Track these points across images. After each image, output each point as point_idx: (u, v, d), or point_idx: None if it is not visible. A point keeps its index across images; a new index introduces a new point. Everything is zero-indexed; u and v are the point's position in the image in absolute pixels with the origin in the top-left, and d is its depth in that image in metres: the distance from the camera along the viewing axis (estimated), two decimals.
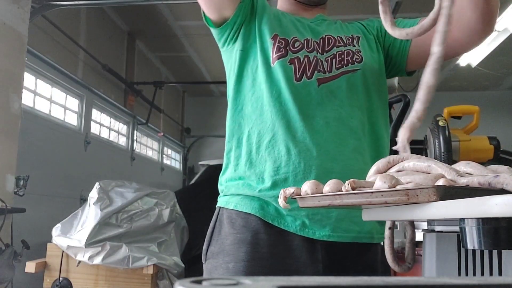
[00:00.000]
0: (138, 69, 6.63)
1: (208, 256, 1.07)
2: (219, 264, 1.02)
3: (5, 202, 2.88)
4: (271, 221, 1.02)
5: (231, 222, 1.05)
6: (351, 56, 1.12)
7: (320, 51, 1.11)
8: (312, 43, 1.11)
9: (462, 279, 0.30)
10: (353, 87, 1.09)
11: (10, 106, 3.04)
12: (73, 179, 4.58)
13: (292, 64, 1.06)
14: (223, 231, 1.06)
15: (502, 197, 0.51)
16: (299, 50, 1.09)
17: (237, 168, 1.08)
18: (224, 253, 1.03)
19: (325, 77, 1.08)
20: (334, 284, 0.27)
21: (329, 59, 1.10)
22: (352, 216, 1.02)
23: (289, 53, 1.08)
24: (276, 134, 1.03)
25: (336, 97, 1.07)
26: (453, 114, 2.07)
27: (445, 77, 7.87)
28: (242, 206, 1.04)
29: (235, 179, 1.08)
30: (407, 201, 0.60)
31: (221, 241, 1.05)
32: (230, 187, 1.08)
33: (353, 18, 1.25)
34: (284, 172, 1.01)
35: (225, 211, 1.07)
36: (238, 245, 1.01)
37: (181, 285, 0.27)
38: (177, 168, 8.94)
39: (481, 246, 0.57)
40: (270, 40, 1.09)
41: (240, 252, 1.01)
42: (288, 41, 1.09)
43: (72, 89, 4.85)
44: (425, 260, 0.88)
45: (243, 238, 1.02)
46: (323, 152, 1.01)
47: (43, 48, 4.14)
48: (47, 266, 2.86)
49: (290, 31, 1.12)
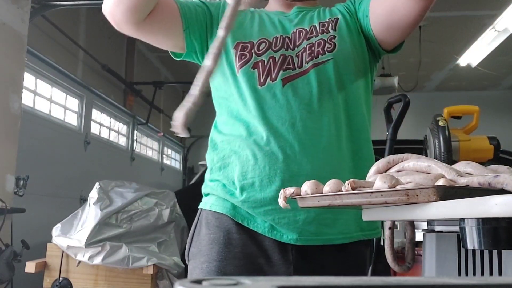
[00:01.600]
0: (138, 69, 6.63)
1: (190, 257, 1.09)
2: (196, 265, 1.04)
3: (5, 202, 2.88)
4: (241, 222, 1.03)
5: (207, 222, 1.07)
6: (322, 46, 1.07)
7: (291, 46, 1.08)
8: (281, 40, 1.08)
9: (462, 279, 0.30)
10: (324, 80, 1.05)
11: (10, 106, 3.04)
12: (73, 179, 4.58)
13: (256, 69, 1.05)
14: (201, 232, 1.07)
15: (502, 197, 0.51)
16: (264, 52, 1.06)
17: (213, 171, 1.10)
18: (200, 253, 1.05)
19: (292, 75, 1.04)
20: (334, 284, 0.27)
21: (300, 53, 1.07)
22: (321, 219, 1.00)
23: (254, 56, 1.06)
24: (244, 141, 1.04)
25: (304, 94, 1.04)
26: (453, 114, 2.07)
27: (445, 77, 7.87)
28: (216, 206, 1.06)
29: (212, 180, 1.10)
30: (407, 201, 0.60)
31: (199, 242, 1.07)
32: (208, 187, 1.11)
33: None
34: (251, 177, 1.02)
35: (204, 212, 1.10)
36: (211, 245, 1.03)
37: (181, 285, 0.27)
38: (177, 168, 8.94)
39: (481, 246, 0.57)
40: (233, 50, 1.08)
41: (212, 252, 1.02)
42: (254, 43, 1.08)
43: (72, 89, 4.85)
44: (425, 260, 0.88)
45: (216, 238, 1.03)
46: (288, 156, 1.00)
47: (43, 48, 4.14)
48: (47, 266, 2.86)
49: (256, 33, 1.10)
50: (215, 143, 1.12)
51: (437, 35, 6.05)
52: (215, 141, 1.12)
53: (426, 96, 8.19)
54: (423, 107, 6.64)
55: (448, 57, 6.85)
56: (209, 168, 1.13)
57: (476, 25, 5.76)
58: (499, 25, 5.47)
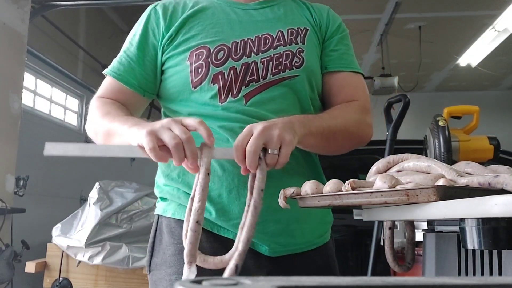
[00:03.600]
0: None
1: (152, 268, 1.00)
2: (162, 276, 0.96)
3: (5, 202, 2.88)
4: (211, 229, 0.96)
5: (170, 231, 0.98)
6: (291, 59, 0.99)
7: (255, 51, 0.98)
8: (243, 45, 0.98)
9: (462, 279, 0.30)
10: (288, 96, 0.99)
11: (10, 106, 3.04)
12: (73, 179, 4.58)
13: (216, 84, 0.95)
14: (163, 240, 0.99)
15: (502, 197, 0.51)
16: (224, 62, 0.96)
17: (170, 177, 1.01)
18: (166, 264, 0.97)
19: (254, 89, 0.96)
20: (334, 284, 0.27)
21: (265, 61, 0.98)
22: (290, 230, 0.98)
23: (211, 67, 0.96)
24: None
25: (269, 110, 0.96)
26: (453, 114, 2.07)
27: (445, 77, 7.87)
28: (180, 214, 0.98)
29: (168, 186, 1.02)
30: (407, 201, 0.60)
31: (163, 252, 0.98)
32: (165, 192, 1.03)
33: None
34: (217, 188, 0.95)
35: (164, 219, 1.01)
36: (179, 255, 0.93)
37: (181, 285, 0.27)
38: None
39: (481, 246, 0.57)
40: (187, 62, 0.98)
41: (181, 263, 0.90)
42: (210, 50, 0.97)
43: (72, 89, 4.85)
44: (425, 260, 0.88)
45: (183, 247, 0.96)
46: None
47: (43, 48, 4.14)
48: (47, 266, 2.86)
49: (211, 34, 0.99)
50: None
51: (437, 35, 6.05)
52: None
53: (426, 96, 8.19)
54: (423, 107, 6.64)
55: (448, 57, 6.85)
56: (163, 173, 1.04)
57: (476, 25, 5.76)
58: (499, 25, 5.47)
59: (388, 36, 6.07)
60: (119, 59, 1.05)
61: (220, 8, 1.05)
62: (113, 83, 1.04)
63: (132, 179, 4.37)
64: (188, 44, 0.99)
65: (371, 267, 2.01)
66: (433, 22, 5.77)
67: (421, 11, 5.51)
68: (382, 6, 5.37)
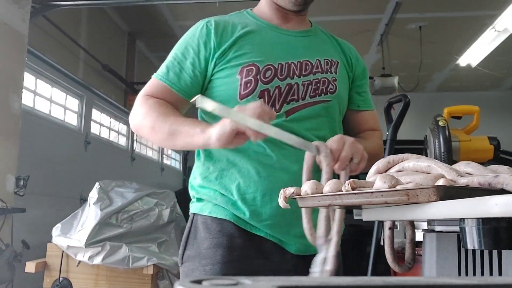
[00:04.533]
0: (139, 69, 6.63)
1: (185, 260, 1.13)
2: (196, 267, 1.09)
3: (5, 202, 2.89)
4: (244, 227, 1.10)
5: (206, 227, 1.11)
6: (326, 85, 1.16)
7: (298, 73, 1.13)
8: (287, 67, 1.12)
9: (462, 279, 0.30)
10: (320, 118, 1.14)
11: (10, 106, 3.04)
12: (73, 179, 4.58)
13: (261, 99, 1.09)
14: (198, 236, 1.12)
15: (502, 197, 0.51)
16: (270, 81, 1.10)
17: (208, 180, 1.13)
18: (200, 256, 1.09)
19: (294, 107, 1.11)
20: (334, 284, 0.27)
21: (306, 84, 1.13)
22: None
23: (259, 84, 1.09)
24: (249, 158, 1.10)
25: (304, 125, 1.11)
26: (453, 114, 2.07)
27: (445, 77, 7.87)
28: (216, 213, 1.11)
29: (206, 188, 1.14)
30: (407, 201, 0.60)
31: (197, 245, 1.11)
32: (202, 194, 1.15)
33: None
34: (252, 192, 1.09)
35: (200, 217, 1.14)
36: (214, 249, 1.08)
37: (181, 285, 0.27)
38: (177, 168, 8.94)
39: (481, 246, 0.57)
40: (237, 76, 1.10)
41: (217, 255, 1.08)
42: (259, 69, 1.10)
43: (72, 89, 4.85)
44: (425, 260, 0.88)
45: (219, 242, 1.09)
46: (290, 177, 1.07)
47: (43, 48, 4.14)
48: (47, 266, 2.86)
49: (261, 54, 1.12)
50: (210, 152, 1.15)
51: (437, 35, 6.05)
52: (209, 150, 1.15)
53: (426, 97, 8.18)
54: (424, 108, 6.64)
55: (448, 57, 6.85)
56: (201, 175, 1.16)
57: (476, 25, 5.76)
58: (499, 25, 5.47)
59: (388, 36, 6.07)
60: (171, 67, 1.15)
61: (266, 32, 1.18)
62: (164, 87, 1.14)
63: (132, 179, 4.37)
64: (239, 61, 1.11)
65: (371, 267, 2.01)
66: (434, 22, 5.76)
67: (421, 11, 5.51)
68: (383, 6, 5.37)
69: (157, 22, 5.85)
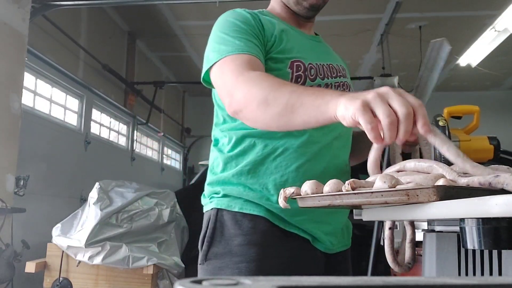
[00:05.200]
0: (138, 69, 6.63)
1: (210, 257, 1.07)
2: (226, 265, 1.04)
3: (5, 202, 2.89)
4: (277, 223, 1.07)
5: (236, 223, 1.06)
6: (349, 88, 1.19)
7: (329, 75, 1.14)
8: (322, 68, 1.13)
9: (462, 279, 0.30)
10: None
11: (10, 106, 3.04)
12: (73, 179, 4.58)
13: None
14: (226, 232, 1.07)
15: (502, 197, 0.51)
16: (315, 79, 1.09)
17: (240, 174, 1.08)
18: (231, 253, 1.04)
19: None
20: (334, 284, 0.27)
21: (336, 85, 1.14)
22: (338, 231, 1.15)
23: (307, 80, 1.08)
24: (287, 151, 1.07)
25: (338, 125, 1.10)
26: (453, 114, 2.07)
27: (445, 77, 7.87)
28: (248, 209, 1.06)
29: (235, 184, 1.09)
30: (407, 201, 0.60)
31: (226, 242, 1.06)
32: (230, 189, 1.09)
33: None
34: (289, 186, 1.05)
35: (227, 213, 1.08)
36: (248, 246, 1.04)
37: (181, 285, 0.27)
38: (177, 168, 8.94)
39: (481, 246, 0.57)
40: (288, 69, 1.07)
41: (251, 253, 1.03)
42: (305, 66, 1.09)
43: (72, 89, 4.85)
44: (425, 260, 0.88)
45: (252, 239, 1.04)
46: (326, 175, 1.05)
47: (43, 48, 4.14)
48: (47, 266, 2.86)
49: (303, 52, 1.11)
50: (248, 145, 1.09)
51: (437, 35, 6.01)
52: (247, 143, 1.09)
53: None
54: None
55: (448, 57, 6.83)
56: (228, 169, 1.10)
57: (476, 25, 5.76)
58: (499, 25, 5.47)
59: (388, 36, 6.08)
60: (236, 42, 1.01)
61: (296, 33, 1.17)
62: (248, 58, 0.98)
63: (132, 179, 4.37)
64: (288, 54, 1.08)
65: (371, 267, 2.01)
66: (434, 22, 5.76)
67: (421, 11, 5.51)
68: (383, 6, 5.37)
69: (157, 22, 5.85)
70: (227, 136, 1.12)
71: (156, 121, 7.14)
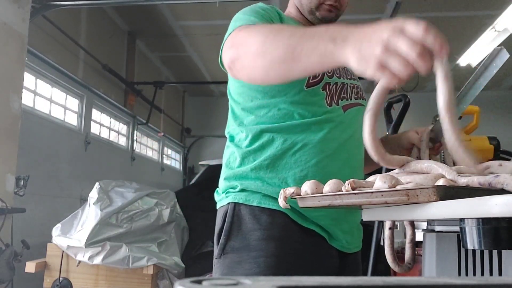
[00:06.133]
0: (138, 69, 6.63)
1: (227, 251, 1.06)
2: (244, 259, 1.04)
3: (5, 202, 2.88)
4: (296, 219, 1.06)
5: (255, 218, 1.05)
6: (362, 91, 1.21)
7: (344, 75, 1.15)
8: (338, 68, 1.13)
9: (462, 279, 0.30)
10: (358, 118, 1.14)
11: (10, 106, 3.04)
12: (73, 179, 4.58)
13: (324, 90, 1.09)
14: (244, 226, 1.06)
15: (502, 197, 0.51)
16: (332, 76, 1.11)
17: (257, 169, 1.08)
18: (249, 248, 1.04)
19: (346, 104, 1.14)
20: (334, 284, 0.27)
21: (351, 86, 1.16)
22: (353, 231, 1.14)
23: (325, 77, 1.09)
24: (306, 146, 1.08)
25: (353, 123, 1.13)
26: None
27: None
28: (267, 203, 1.06)
29: (253, 179, 1.08)
30: (407, 201, 0.60)
31: (243, 236, 1.05)
32: (248, 183, 1.08)
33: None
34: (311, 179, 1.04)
35: (244, 207, 1.07)
36: (266, 240, 1.03)
37: (181, 285, 0.27)
38: (177, 168, 8.94)
39: (481, 246, 0.57)
40: None
41: (270, 248, 1.03)
42: None
43: (72, 89, 4.85)
44: (425, 260, 0.88)
45: (271, 234, 1.04)
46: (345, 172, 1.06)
47: (43, 48, 4.14)
48: (47, 266, 2.86)
49: None
50: (267, 140, 1.08)
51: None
52: (258, 136, 1.09)
53: (426, 96, 8.17)
54: (424, 107, 6.63)
55: (448, 57, 6.85)
56: (246, 164, 1.09)
57: (476, 25, 5.76)
58: (499, 25, 5.47)
59: None
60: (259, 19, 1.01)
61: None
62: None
63: (132, 179, 4.37)
64: None
65: (371, 267, 2.01)
66: (433, 22, 5.73)
67: (421, 11, 5.51)
68: (383, 6, 5.37)
69: (157, 22, 5.85)
70: (244, 132, 1.11)
71: (156, 121, 7.14)
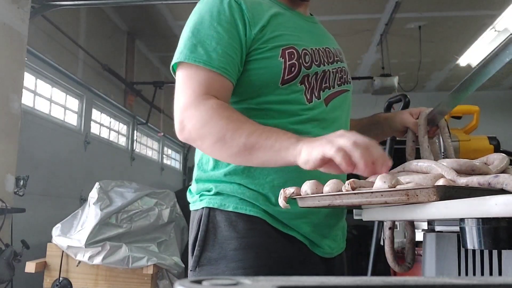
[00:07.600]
0: (138, 69, 6.63)
1: (203, 263, 0.97)
2: (222, 271, 0.95)
3: (5, 202, 2.88)
4: (275, 225, 0.98)
5: (231, 225, 0.97)
6: (346, 74, 1.12)
7: (326, 60, 1.05)
8: (318, 53, 1.04)
9: (462, 279, 0.30)
10: (344, 106, 1.10)
11: (10, 106, 3.04)
12: (73, 179, 4.58)
13: (303, 84, 1.00)
14: (220, 235, 0.97)
15: (502, 197, 0.51)
16: (310, 66, 1.01)
17: (234, 173, 0.99)
18: (227, 259, 0.95)
19: (329, 95, 1.05)
20: (334, 284, 0.27)
21: (334, 71, 1.07)
22: (334, 235, 1.08)
23: (302, 68, 0.99)
24: None
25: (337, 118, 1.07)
26: (453, 114, 2.07)
27: (445, 77, 7.87)
28: (244, 208, 0.97)
29: (228, 182, 1.00)
30: (407, 201, 0.60)
31: (220, 246, 0.96)
32: (223, 187, 1.00)
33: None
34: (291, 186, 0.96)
35: (220, 213, 0.98)
36: (244, 250, 0.94)
37: (181, 285, 0.27)
38: (177, 168, 8.94)
39: (481, 246, 0.57)
40: (280, 59, 0.98)
41: (248, 258, 0.94)
42: (299, 52, 1.00)
43: (72, 89, 4.85)
44: (425, 260, 0.88)
45: (249, 242, 0.95)
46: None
47: (43, 48, 4.14)
48: (47, 266, 2.86)
49: (295, 37, 1.02)
50: None
51: (437, 35, 6.05)
52: None
53: (426, 96, 8.19)
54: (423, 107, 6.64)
55: (448, 57, 6.85)
56: (220, 166, 1.01)
57: (476, 25, 5.76)
58: (499, 25, 5.47)
59: (388, 36, 6.07)
60: (210, 49, 0.94)
61: (291, 15, 1.09)
62: (214, 78, 0.94)
63: (132, 179, 4.37)
64: (278, 42, 0.99)
65: (371, 267, 2.01)
66: (433, 21, 5.76)
67: (421, 10, 5.51)
68: (382, 5, 5.37)
69: (157, 22, 5.85)
70: None
71: (156, 121, 7.14)
